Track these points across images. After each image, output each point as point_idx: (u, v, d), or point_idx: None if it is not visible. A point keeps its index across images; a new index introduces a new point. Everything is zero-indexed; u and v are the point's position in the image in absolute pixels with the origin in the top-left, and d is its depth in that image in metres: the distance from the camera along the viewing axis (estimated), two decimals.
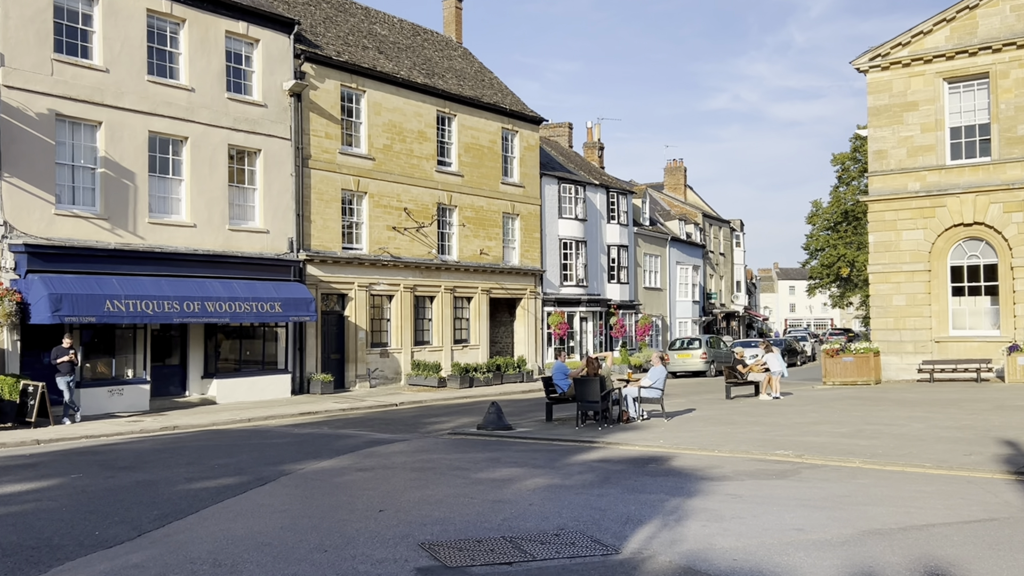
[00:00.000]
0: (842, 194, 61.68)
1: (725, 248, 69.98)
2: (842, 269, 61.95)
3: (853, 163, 59.30)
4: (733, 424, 18.08)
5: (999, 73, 28.17)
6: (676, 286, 55.96)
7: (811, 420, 18.38)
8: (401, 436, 17.60)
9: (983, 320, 29.16)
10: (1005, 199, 28.10)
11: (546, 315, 40.32)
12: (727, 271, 70.05)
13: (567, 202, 42.33)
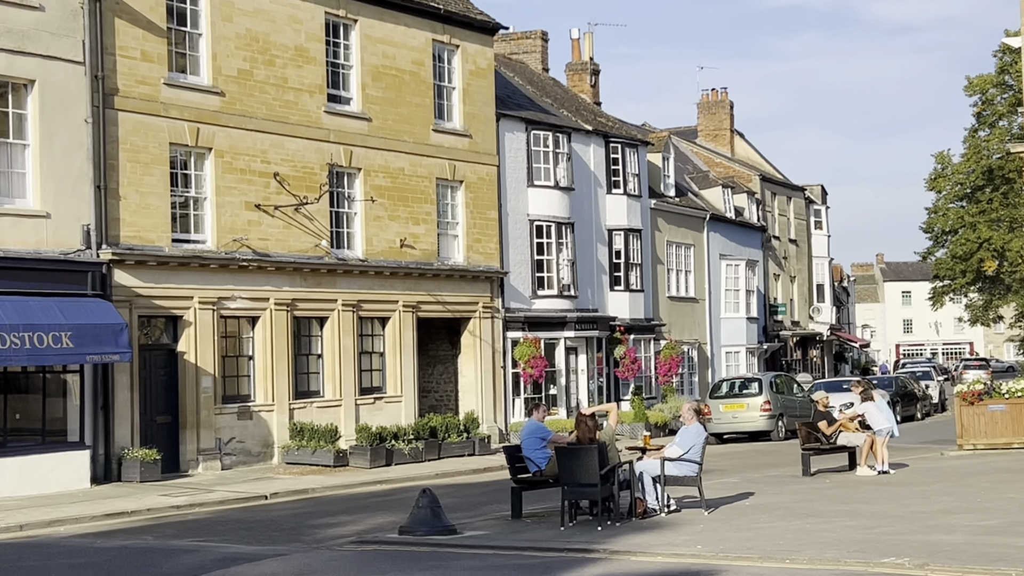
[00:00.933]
0: (983, 141, 62.53)
1: (798, 232, 70.65)
2: (986, 263, 62.80)
3: (1000, 91, 60.18)
4: (815, 516, 18.13)
5: None
6: (721, 294, 56.35)
7: (940, 508, 18.51)
8: (274, 549, 17.35)
9: None
10: None
11: (511, 345, 40.31)
12: (802, 269, 70.71)
13: (542, 160, 42.35)
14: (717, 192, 59.00)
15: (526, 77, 48.35)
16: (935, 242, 69.22)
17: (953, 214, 66.31)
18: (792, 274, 68.65)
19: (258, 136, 32.25)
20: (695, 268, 54.25)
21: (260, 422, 32.13)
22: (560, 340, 42.78)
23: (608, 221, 46.53)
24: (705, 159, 65.33)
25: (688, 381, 52.43)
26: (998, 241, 61.27)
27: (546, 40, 53.65)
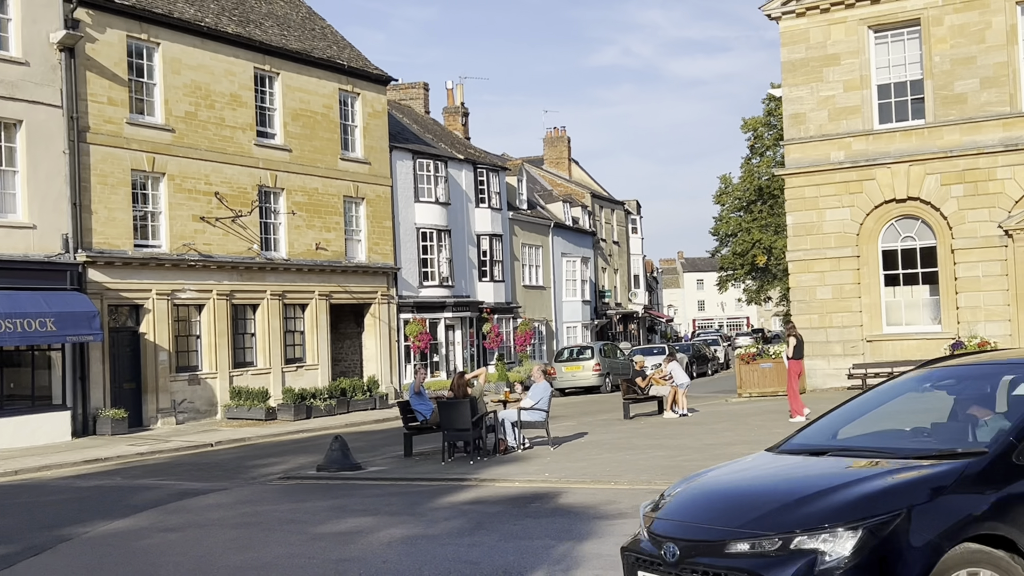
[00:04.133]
0: (755, 167, 64.04)
1: (619, 236, 71.53)
2: (758, 258, 64.33)
3: (767, 129, 61.65)
4: (633, 449, 18.46)
5: (931, 19, 29.81)
6: (563, 283, 56.83)
7: (725, 440, 18.97)
8: (219, 485, 17.21)
9: (921, 314, 30.80)
10: (942, 169, 29.76)
11: (403, 324, 40.21)
12: (623, 263, 71.62)
13: (425, 182, 42.34)
14: (559, 206, 59.42)
15: (412, 118, 48.12)
16: (721, 242, 70.60)
17: (733, 221, 67.73)
18: (615, 267, 69.50)
19: (202, 164, 31.69)
20: (543, 263, 54.61)
21: (206, 386, 31.61)
22: (441, 320, 42.79)
23: (477, 228, 46.62)
24: (550, 181, 65.68)
25: (539, 349, 52.78)
26: (767, 241, 62.75)
27: (427, 89, 53.47)
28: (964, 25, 29.35)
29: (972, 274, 29.34)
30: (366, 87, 38.58)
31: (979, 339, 27.89)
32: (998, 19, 28.89)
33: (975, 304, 29.24)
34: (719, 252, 71.84)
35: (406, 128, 44.81)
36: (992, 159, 29.08)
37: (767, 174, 60.50)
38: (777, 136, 59.02)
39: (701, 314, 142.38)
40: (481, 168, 47.25)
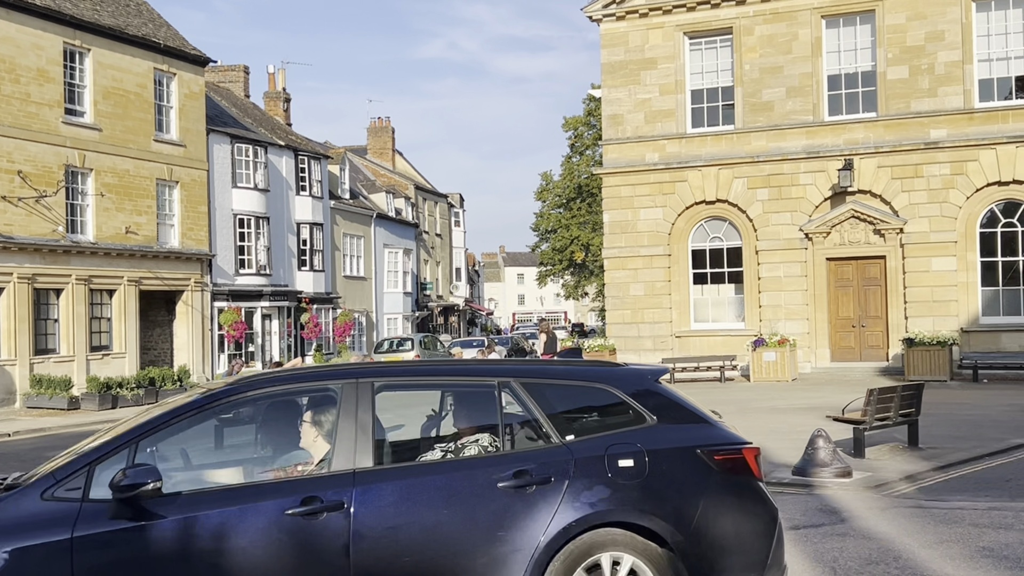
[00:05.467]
0: (575, 165, 65.15)
1: (442, 228, 71.59)
2: (576, 254, 65.52)
3: (587, 129, 62.77)
4: None
5: (743, 29, 31.03)
6: (384, 274, 56.44)
7: None
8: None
9: (727, 311, 32.07)
10: (750, 173, 31.04)
11: (217, 312, 39.09)
12: (445, 256, 71.72)
13: (244, 167, 41.25)
14: (382, 197, 58.96)
15: (231, 101, 46.79)
16: (541, 238, 71.51)
17: (553, 218, 68.72)
18: (438, 260, 69.53)
19: (4, 140, 29.90)
20: (364, 254, 54.09)
21: (4, 374, 29.93)
22: (257, 309, 41.83)
23: (297, 216, 45.76)
24: (373, 171, 65.10)
25: (359, 340, 52.24)
26: (585, 238, 63.98)
27: (248, 73, 52.04)
28: (773, 36, 30.65)
29: (774, 274, 30.71)
30: (183, 67, 37.24)
31: (779, 336, 29.21)
32: (804, 31, 30.30)
33: (777, 303, 30.61)
34: (539, 247, 72.77)
35: (225, 111, 43.54)
36: (796, 165, 30.50)
37: (586, 173, 61.67)
38: (597, 136, 60.21)
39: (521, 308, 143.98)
40: (302, 155, 46.38)
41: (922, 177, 29.25)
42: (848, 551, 8.90)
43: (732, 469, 6.20)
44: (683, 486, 6.08)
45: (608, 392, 6.44)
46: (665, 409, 6.38)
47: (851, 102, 30.33)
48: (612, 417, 6.41)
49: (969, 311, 28.98)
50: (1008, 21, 28.75)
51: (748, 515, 6.18)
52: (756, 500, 6.23)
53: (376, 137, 70.50)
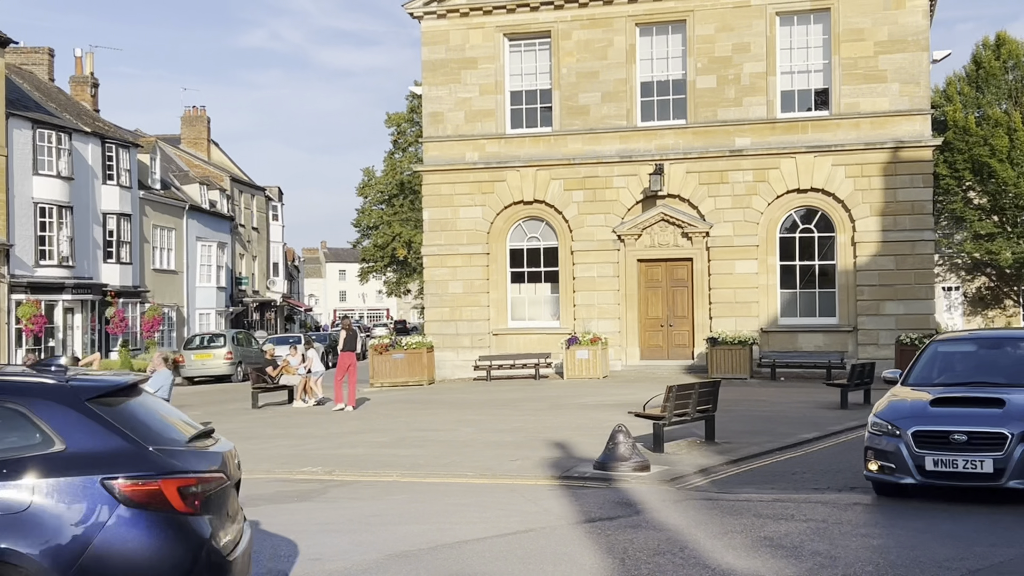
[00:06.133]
0: (398, 162, 64.96)
1: (259, 222, 70.17)
2: (398, 251, 65.36)
3: (410, 126, 62.68)
4: (257, 439, 18.23)
5: (561, 33, 31.68)
6: (197, 268, 54.93)
7: (351, 429, 19.20)
8: None
9: (543, 310, 32.70)
10: (566, 175, 31.72)
11: (15, 305, 37.24)
12: (262, 251, 70.33)
13: (46, 154, 39.44)
14: (196, 188, 57.34)
15: (34, 84, 44.61)
16: (363, 234, 70.99)
17: (376, 214, 68.33)
18: (254, 254, 68.09)
19: None
20: (176, 247, 52.51)
21: None
22: (59, 302, 40.08)
23: (103, 206, 44.04)
24: (187, 161, 63.20)
25: (168, 336, 50.66)
26: (407, 235, 63.86)
27: (52, 56, 49.70)
28: (589, 41, 31.42)
29: (588, 275, 31.50)
30: None
31: (592, 335, 30.00)
32: (619, 38, 31.18)
33: (590, 303, 31.41)
34: (361, 244, 72.25)
35: (27, 95, 41.49)
36: (609, 168, 31.35)
37: (409, 169, 61.58)
38: (419, 133, 60.01)
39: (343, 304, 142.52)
40: (110, 143, 44.66)
41: (727, 183, 30.55)
42: (638, 542, 9.29)
43: (144, 503, 5.64)
44: (73, 521, 5.53)
45: (13, 410, 5.83)
46: (81, 432, 5.78)
47: (663, 109, 31.41)
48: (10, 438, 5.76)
49: (769, 312, 30.46)
50: (809, 36, 30.35)
51: (156, 556, 5.63)
52: (170, 538, 5.67)
53: (191, 127, 68.44)
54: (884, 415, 11.18)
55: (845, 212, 29.83)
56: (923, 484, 10.70)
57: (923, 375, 12.21)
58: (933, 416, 10.81)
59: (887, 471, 10.86)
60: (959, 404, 11.02)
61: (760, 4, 30.18)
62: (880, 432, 11.01)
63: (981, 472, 10.30)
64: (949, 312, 50.30)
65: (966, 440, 10.40)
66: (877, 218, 29.49)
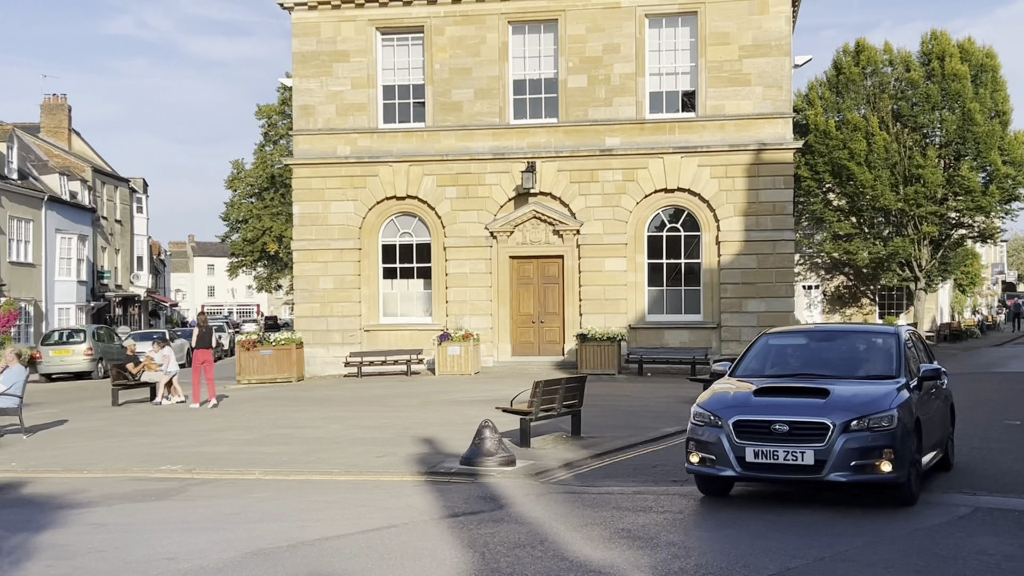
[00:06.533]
0: (268, 155, 64.03)
1: (123, 214, 68.21)
2: (268, 245, 64.42)
3: (281, 118, 61.83)
4: (116, 437, 17.76)
5: (434, 28, 31.65)
6: (56, 261, 53.09)
7: (214, 427, 18.84)
8: None
9: (416, 306, 32.66)
10: (439, 171, 31.73)
11: None
12: (125, 244, 68.36)
13: None
14: (55, 178, 55.40)
15: None
16: (232, 228, 69.74)
17: (245, 208, 67.23)
18: (117, 247, 66.14)
19: None
20: (34, 239, 50.66)
21: None
22: None
23: None
24: (46, 151, 60.97)
25: (25, 332, 48.80)
26: (278, 229, 63.01)
27: None
28: (463, 37, 31.50)
29: (461, 271, 31.60)
30: None
31: (464, 331, 30.10)
32: (492, 35, 31.34)
33: (463, 299, 31.51)
34: (230, 238, 70.94)
35: None
36: (482, 165, 31.50)
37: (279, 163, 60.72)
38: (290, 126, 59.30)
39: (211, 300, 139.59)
40: None
41: (598, 182, 31.02)
42: (499, 536, 9.38)
43: None
44: None
45: None
46: None
47: (535, 107, 31.69)
48: None
49: (637, 309, 31.05)
50: (677, 38, 31.03)
51: None
52: None
53: (50, 115, 65.98)
54: (707, 405, 10.85)
55: (710, 212, 30.62)
56: (744, 476, 10.42)
57: (752, 367, 11.97)
58: (756, 406, 10.52)
59: (708, 463, 10.53)
60: (783, 394, 10.78)
61: (630, 6, 30.72)
62: (702, 423, 10.67)
63: (802, 464, 10.02)
64: (809, 310, 52.11)
65: (788, 431, 10.11)
66: (740, 218, 30.35)
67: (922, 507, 10.60)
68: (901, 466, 10.07)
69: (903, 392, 10.66)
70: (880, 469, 9.97)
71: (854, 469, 9.96)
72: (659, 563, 8.37)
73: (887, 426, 10.06)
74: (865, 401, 10.31)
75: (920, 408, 10.94)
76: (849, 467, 9.94)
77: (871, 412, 10.13)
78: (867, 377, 11.20)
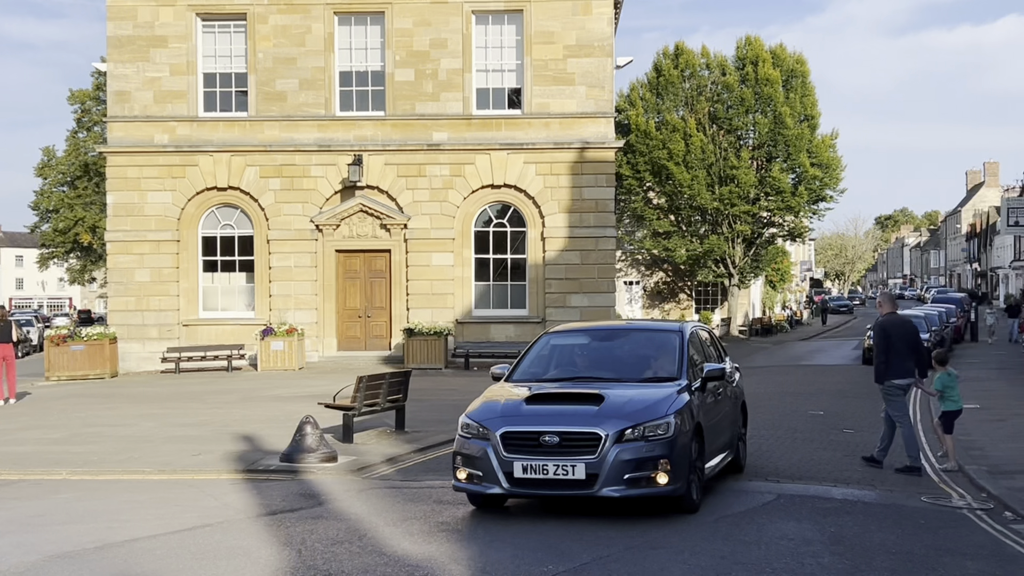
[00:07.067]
0: (82, 142, 61.38)
1: None
2: (82, 236, 61.81)
3: (96, 104, 59.36)
4: None
5: (257, 16, 30.94)
6: None
7: (19, 425, 17.96)
8: None
9: (238, 300, 31.90)
10: (262, 162, 31.06)
11: None
12: None
13: None
14: None
15: None
16: (42, 218, 66.59)
17: (57, 197, 64.30)
18: None
19: None
20: None
21: None
22: None
23: None
24: None
25: None
26: (92, 220, 60.56)
27: None
28: (287, 27, 30.93)
29: (285, 264, 31.04)
30: None
31: (288, 326, 29.60)
32: (318, 26, 30.89)
33: (287, 293, 30.97)
34: (40, 228, 67.73)
35: None
36: (307, 157, 31.02)
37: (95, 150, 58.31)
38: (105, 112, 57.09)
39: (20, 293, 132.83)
40: None
41: (425, 176, 31.00)
42: (318, 533, 9.29)
43: None
44: None
45: None
46: None
47: (362, 99, 31.40)
48: None
49: (464, 304, 31.19)
50: (503, 36, 31.29)
51: None
52: None
53: None
54: (475, 415, 9.98)
55: (536, 208, 31.03)
56: (512, 493, 9.58)
57: (532, 370, 11.09)
58: (526, 415, 9.69)
59: (475, 479, 9.64)
60: (555, 401, 10.02)
61: (457, 1, 30.80)
62: (469, 435, 9.81)
63: (572, 479, 9.23)
64: (630, 305, 53.52)
65: (558, 442, 9.33)
66: (565, 215, 30.89)
67: (729, 494, 11.07)
68: (679, 477, 9.48)
69: (683, 395, 10.04)
70: (656, 481, 9.33)
71: (628, 483, 9.27)
72: (476, 555, 8.45)
73: (663, 434, 9.41)
74: (640, 407, 9.65)
75: (703, 411, 10.39)
76: (623, 481, 9.25)
77: (646, 419, 9.46)
78: (648, 379, 10.51)
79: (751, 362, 34.98)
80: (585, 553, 8.48)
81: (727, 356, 12.62)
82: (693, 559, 8.36)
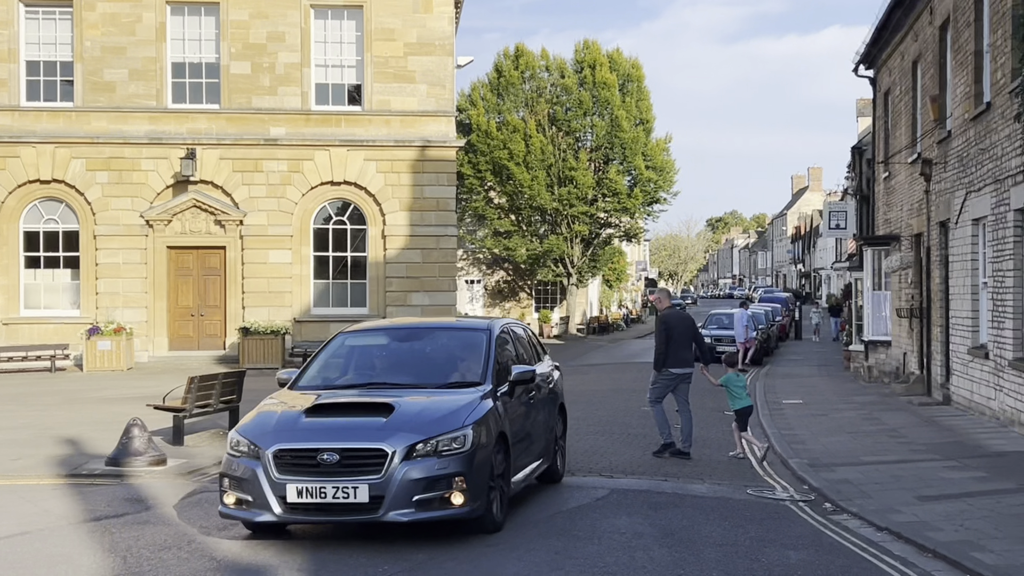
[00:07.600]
0: None
1: None
2: None
3: None
4: None
5: (85, 4, 29.72)
6: None
7: None
8: None
9: (62, 298, 30.58)
10: (89, 154, 29.88)
11: None
12: None
13: None
14: None
15: None
16: None
17: None
18: None
19: None
20: None
21: None
22: None
23: None
24: None
25: None
26: None
27: None
28: (116, 15, 29.84)
29: (113, 260, 29.94)
30: None
31: (116, 325, 28.56)
32: (149, 15, 29.90)
33: (115, 290, 29.87)
34: None
35: None
36: (138, 150, 30.00)
37: None
38: None
39: None
40: None
41: (262, 172, 30.39)
42: (145, 539, 8.99)
43: None
44: None
45: None
46: None
47: (196, 92, 30.53)
48: None
49: (302, 302, 30.72)
50: (343, 31, 30.95)
51: None
52: None
53: None
54: (245, 430, 8.84)
55: (376, 206, 30.82)
56: (287, 520, 8.49)
57: (321, 375, 10.09)
58: (303, 430, 8.62)
59: (244, 505, 8.49)
60: (338, 412, 9.02)
61: None
62: (239, 453, 8.64)
63: (355, 503, 8.21)
64: (472, 303, 53.77)
65: (338, 460, 8.26)
66: (406, 213, 30.79)
67: (563, 490, 11.25)
68: (477, 496, 8.56)
69: (486, 402, 9.17)
70: (451, 502, 8.41)
71: (418, 505, 8.29)
72: (306, 558, 8.33)
73: (459, 448, 8.49)
74: (435, 418, 8.70)
75: (510, 419, 9.58)
76: (412, 503, 8.26)
77: (440, 432, 8.51)
78: (452, 385, 9.62)
79: (588, 360, 35.69)
80: (420, 553, 8.46)
81: (546, 355, 12.23)
82: (528, 555, 8.45)
